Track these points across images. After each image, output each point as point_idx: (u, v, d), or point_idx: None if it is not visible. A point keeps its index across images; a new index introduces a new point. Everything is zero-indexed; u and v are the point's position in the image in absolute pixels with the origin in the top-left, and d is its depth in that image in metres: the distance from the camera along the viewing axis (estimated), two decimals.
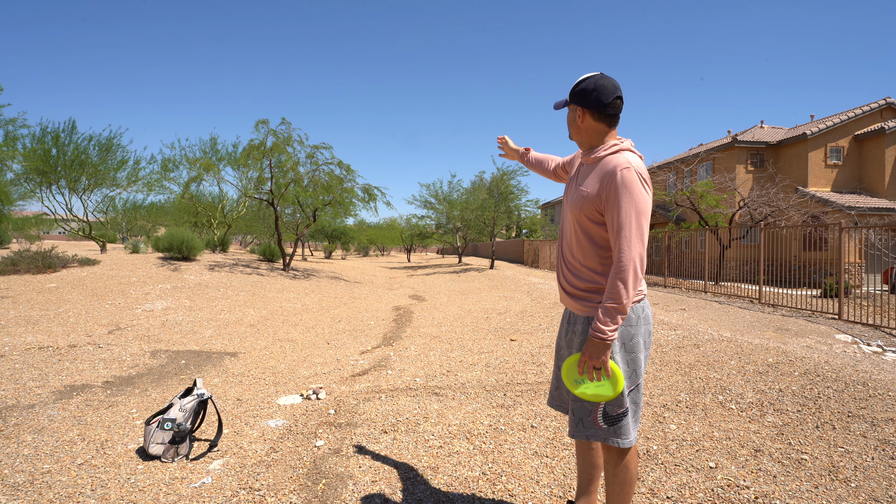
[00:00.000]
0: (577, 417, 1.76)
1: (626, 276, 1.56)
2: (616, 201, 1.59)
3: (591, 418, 1.72)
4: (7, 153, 10.94)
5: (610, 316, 1.58)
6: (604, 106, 1.68)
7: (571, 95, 1.74)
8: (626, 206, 1.57)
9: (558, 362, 1.95)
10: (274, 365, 5.04)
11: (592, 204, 1.67)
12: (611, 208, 1.61)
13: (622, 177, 1.58)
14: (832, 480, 2.49)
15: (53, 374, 4.35)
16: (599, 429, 1.71)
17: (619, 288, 1.57)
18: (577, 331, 1.77)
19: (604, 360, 1.61)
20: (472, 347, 5.70)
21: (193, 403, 2.89)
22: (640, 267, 1.58)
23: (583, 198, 1.70)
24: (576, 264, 1.78)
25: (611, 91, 1.68)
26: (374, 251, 49.73)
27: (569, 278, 1.80)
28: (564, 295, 1.83)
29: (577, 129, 1.75)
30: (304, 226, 18.29)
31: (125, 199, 22.27)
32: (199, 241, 13.46)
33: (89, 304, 7.55)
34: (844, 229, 8.03)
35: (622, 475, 1.77)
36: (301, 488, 2.42)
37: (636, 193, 1.57)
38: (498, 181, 20.91)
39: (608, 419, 1.70)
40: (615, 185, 1.59)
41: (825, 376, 4.02)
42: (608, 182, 1.62)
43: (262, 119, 13.31)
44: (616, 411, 1.69)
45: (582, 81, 1.71)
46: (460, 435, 3.06)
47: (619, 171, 1.59)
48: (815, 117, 19.97)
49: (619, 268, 1.58)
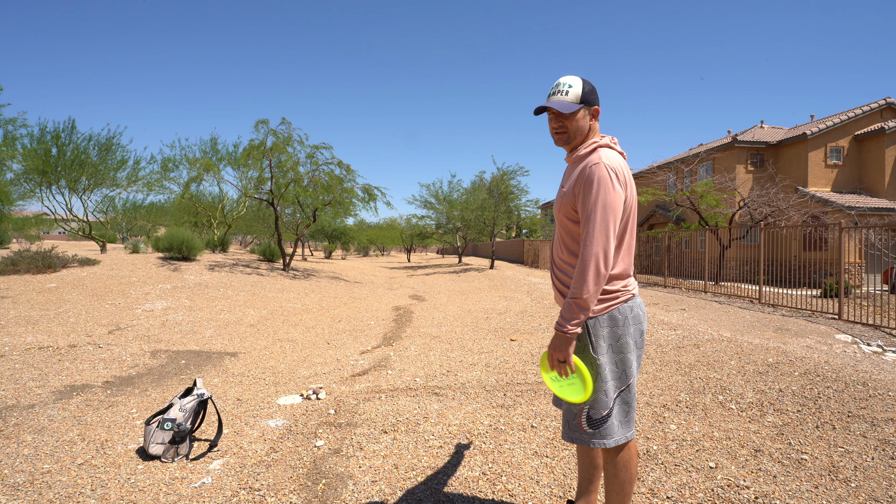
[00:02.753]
0: (565, 420, 1.77)
1: (586, 271, 1.57)
2: (584, 196, 1.61)
3: (576, 422, 1.72)
4: (7, 153, 10.94)
5: (571, 310, 1.60)
6: (597, 102, 1.76)
7: (585, 99, 1.72)
8: (592, 200, 1.58)
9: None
10: (274, 365, 5.04)
11: (569, 202, 1.69)
12: (580, 204, 1.63)
13: (590, 172, 1.60)
14: (832, 480, 2.49)
15: (53, 374, 4.35)
16: (584, 433, 1.71)
17: (579, 282, 1.58)
18: None
19: (566, 354, 1.62)
20: (472, 347, 5.70)
21: (193, 403, 2.89)
22: (602, 262, 1.57)
23: (562, 197, 1.73)
24: (562, 265, 1.79)
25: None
26: (374, 251, 49.72)
27: (560, 277, 1.81)
28: (558, 294, 1.84)
29: (583, 130, 1.74)
30: (304, 226, 18.30)
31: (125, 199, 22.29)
32: (199, 241, 13.46)
33: (89, 304, 7.55)
34: (844, 229, 8.03)
35: (621, 475, 1.77)
36: (301, 488, 2.42)
37: (604, 189, 1.58)
38: (498, 181, 20.90)
39: (592, 423, 1.70)
40: (583, 180, 1.62)
41: (825, 376, 4.02)
42: (579, 178, 1.64)
43: (262, 119, 13.33)
44: (600, 414, 1.69)
45: (586, 83, 1.73)
46: (460, 435, 3.06)
47: (590, 167, 1.62)
48: (815, 117, 19.98)
49: (582, 262, 1.58)
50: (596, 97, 1.74)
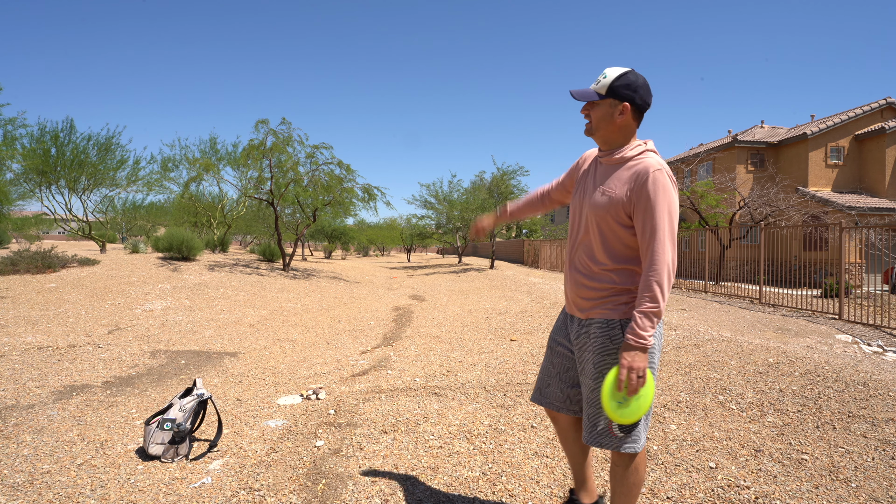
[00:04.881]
0: (591, 423, 1.72)
1: (661, 279, 1.54)
2: (650, 204, 1.56)
3: (605, 426, 1.68)
4: (6, 153, 10.93)
5: (649, 319, 1.55)
6: (646, 104, 1.67)
7: (612, 90, 1.64)
8: (661, 209, 1.55)
9: (552, 357, 1.93)
10: (274, 365, 5.04)
11: (620, 206, 1.63)
12: (642, 211, 1.58)
13: (655, 179, 1.56)
14: (832, 481, 2.48)
15: (53, 375, 4.35)
16: (615, 437, 1.68)
17: (655, 290, 1.55)
18: (592, 334, 1.71)
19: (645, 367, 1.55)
20: (472, 347, 5.70)
21: (193, 403, 2.88)
22: (672, 270, 1.57)
23: (609, 199, 1.65)
24: (593, 267, 1.72)
25: (649, 90, 1.68)
26: (374, 251, 49.72)
27: (584, 283, 1.74)
28: (577, 299, 1.77)
29: (613, 125, 1.67)
30: (304, 226, 18.29)
31: (125, 199, 22.31)
32: (199, 241, 13.46)
33: (89, 304, 7.55)
34: (845, 229, 8.03)
35: (632, 478, 1.75)
36: (301, 488, 2.41)
37: (669, 196, 1.57)
38: (498, 181, 20.91)
39: (625, 427, 1.66)
40: (648, 188, 1.57)
41: (825, 376, 4.01)
42: (640, 185, 1.58)
43: (262, 119, 13.33)
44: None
45: (623, 76, 1.64)
46: (460, 435, 3.06)
47: (652, 172, 1.57)
48: (815, 117, 19.97)
49: (655, 270, 1.55)
50: (633, 93, 1.63)
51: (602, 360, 1.68)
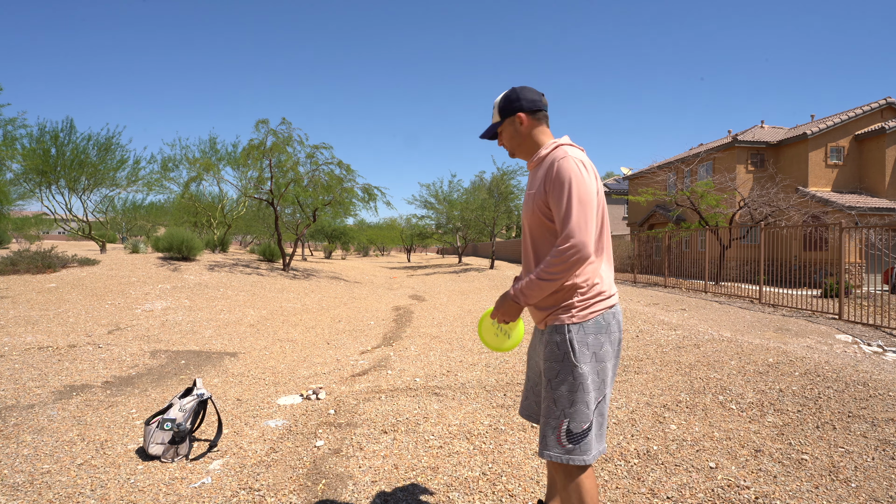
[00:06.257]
0: (542, 434, 1.67)
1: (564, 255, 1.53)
2: (557, 191, 1.59)
3: (555, 436, 1.62)
4: (6, 153, 10.93)
5: (538, 287, 1.61)
6: (536, 103, 1.75)
7: (502, 111, 1.77)
8: (567, 193, 1.57)
9: (528, 371, 1.96)
10: (274, 365, 5.04)
11: (541, 201, 1.66)
12: (555, 199, 1.60)
13: (560, 166, 1.60)
14: (832, 481, 2.48)
15: (53, 374, 4.35)
16: (563, 448, 1.61)
17: (551, 264, 1.55)
18: (544, 341, 1.71)
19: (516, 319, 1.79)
20: (472, 347, 5.70)
21: (193, 403, 2.89)
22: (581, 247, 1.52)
23: (532, 199, 1.70)
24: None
25: (534, 90, 1.76)
26: (374, 251, 49.72)
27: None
28: (534, 310, 1.77)
29: (521, 136, 1.76)
30: (304, 226, 18.29)
31: (125, 199, 22.33)
32: (199, 241, 13.47)
33: (89, 304, 7.55)
34: (845, 229, 8.03)
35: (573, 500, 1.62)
36: (301, 488, 2.41)
37: (576, 179, 1.57)
38: (498, 181, 20.92)
39: (572, 437, 1.60)
40: (553, 175, 1.60)
41: (825, 376, 4.01)
42: (549, 174, 1.62)
43: (262, 119, 13.35)
44: (581, 427, 1.60)
45: (504, 96, 1.77)
46: (460, 435, 3.06)
47: (558, 161, 1.61)
48: (815, 117, 19.97)
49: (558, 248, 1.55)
50: (518, 102, 1.74)
51: (549, 366, 1.66)
